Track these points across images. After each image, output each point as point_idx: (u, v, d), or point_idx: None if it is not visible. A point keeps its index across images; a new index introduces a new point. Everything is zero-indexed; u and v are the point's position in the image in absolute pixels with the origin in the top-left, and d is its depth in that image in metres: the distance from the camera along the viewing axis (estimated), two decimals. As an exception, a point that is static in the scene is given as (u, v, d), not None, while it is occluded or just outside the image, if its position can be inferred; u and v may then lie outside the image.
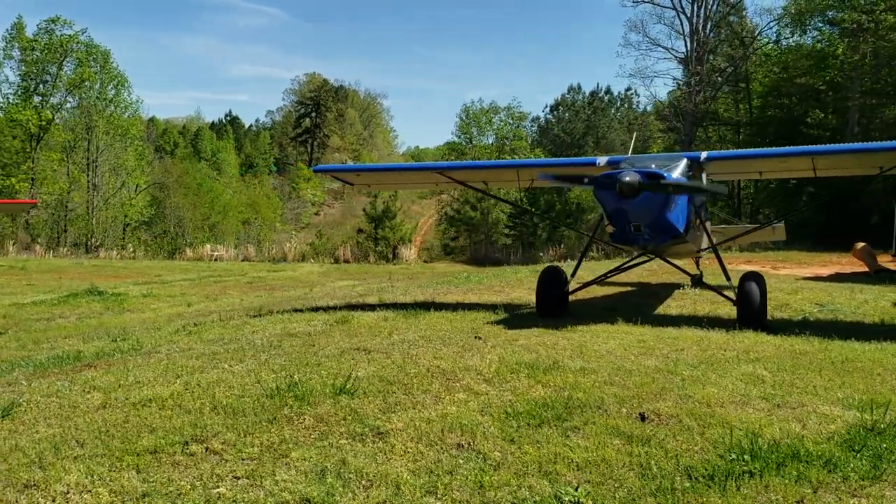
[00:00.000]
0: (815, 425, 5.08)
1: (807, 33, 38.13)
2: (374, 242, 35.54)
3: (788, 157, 10.17)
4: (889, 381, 6.39)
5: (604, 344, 7.79)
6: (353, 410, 5.30)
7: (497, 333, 8.41)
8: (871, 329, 9.46)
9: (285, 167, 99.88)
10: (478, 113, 60.80)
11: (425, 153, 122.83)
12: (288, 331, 9.18)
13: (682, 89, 40.05)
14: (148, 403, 5.49)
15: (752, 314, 9.30)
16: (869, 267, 17.08)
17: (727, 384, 6.10)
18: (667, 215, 9.20)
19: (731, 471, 4.22)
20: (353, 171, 12.79)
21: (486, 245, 41.76)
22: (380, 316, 10.11)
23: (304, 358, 6.93)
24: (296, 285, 23.51)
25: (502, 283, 14.73)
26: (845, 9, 28.83)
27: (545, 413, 5.21)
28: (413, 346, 7.40)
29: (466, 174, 11.85)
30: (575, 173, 9.69)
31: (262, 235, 54.76)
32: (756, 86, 41.79)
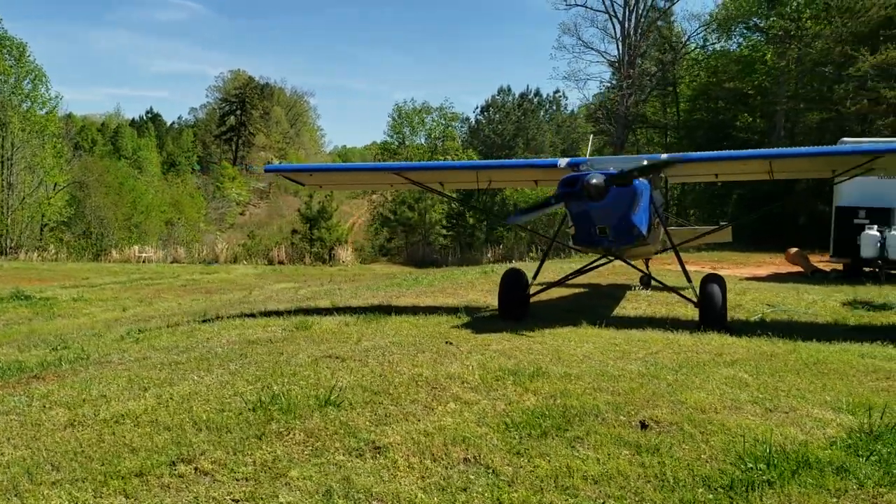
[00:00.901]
0: (814, 430, 5.06)
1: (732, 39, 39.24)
2: (310, 243, 34.91)
3: (747, 160, 10.30)
4: (866, 383, 6.46)
5: (579, 348, 7.70)
6: (343, 424, 5.06)
7: (467, 338, 8.23)
8: (828, 330, 9.63)
9: (209, 166, 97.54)
10: (410, 113, 60.66)
11: (352, 152, 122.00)
12: (246, 337, 8.81)
13: (614, 92, 40.64)
14: (121, 420, 5.13)
15: (715, 316, 9.37)
16: (805, 269, 17.55)
17: (713, 388, 6.06)
18: (632, 217, 9.18)
19: (750, 480, 4.14)
20: (307, 171, 12.42)
21: (424, 246, 41.57)
22: (339, 321, 9.81)
23: (277, 367, 6.62)
24: (233, 288, 22.89)
25: (453, 285, 14.58)
26: (773, 16, 29.67)
27: (544, 423, 5.05)
28: (387, 354, 7.17)
29: (424, 175, 11.65)
30: (541, 201, 9.63)
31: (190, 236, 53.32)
32: (684, 89, 42.75)
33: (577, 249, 10.76)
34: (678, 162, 10.03)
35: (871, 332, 9.48)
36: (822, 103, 28.79)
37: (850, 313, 10.94)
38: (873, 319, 10.43)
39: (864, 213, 15.06)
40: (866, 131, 25.90)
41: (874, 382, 6.47)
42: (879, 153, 9.24)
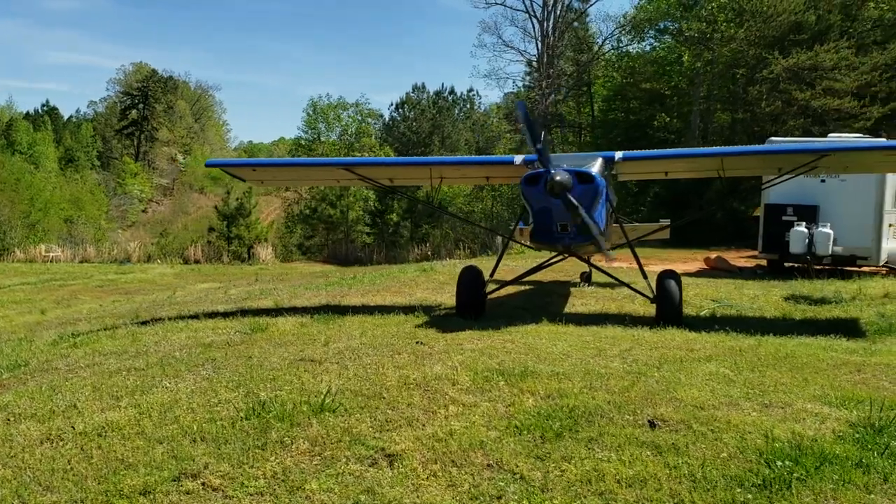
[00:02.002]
0: (816, 425, 5.08)
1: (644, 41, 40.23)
2: (228, 241, 33.88)
3: (699, 157, 10.46)
4: (841, 377, 6.55)
5: (552, 346, 7.60)
6: (346, 430, 4.83)
7: (435, 338, 8.03)
8: (779, 324, 9.87)
9: (110, 161, 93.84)
10: (325, 108, 59.79)
11: (259, 148, 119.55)
12: (199, 341, 8.39)
13: (533, 91, 41.06)
14: (104, 433, 4.76)
15: (673, 311, 9.47)
16: (731, 269, 18.06)
17: (702, 385, 6.04)
18: (592, 214, 9.19)
19: (782, 478, 4.11)
20: (249, 166, 11.95)
21: (346, 244, 41.00)
22: (295, 322, 9.47)
23: (252, 372, 6.29)
24: (153, 288, 22.03)
25: (397, 283, 14.34)
26: (690, 19, 30.53)
27: (554, 425, 4.93)
28: (363, 356, 6.92)
29: (374, 171, 11.37)
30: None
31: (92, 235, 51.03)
32: (599, 89, 43.62)
33: (532, 247, 10.70)
34: (633, 159, 10.11)
35: (819, 326, 9.76)
36: (737, 104, 29.81)
37: (793, 308, 11.25)
38: (817, 314, 10.76)
39: (791, 211, 15.60)
40: (779, 132, 26.93)
41: (848, 376, 6.57)
42: (826, 152, 9.52)
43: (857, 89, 26.32)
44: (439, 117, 67.74)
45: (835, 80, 26.09)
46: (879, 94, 26.89)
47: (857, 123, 26.14)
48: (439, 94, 71.03)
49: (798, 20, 27.24)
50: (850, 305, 11.30)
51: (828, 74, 26.31)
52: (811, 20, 27.31)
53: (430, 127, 66.38)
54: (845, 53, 26.25)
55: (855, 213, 15.34)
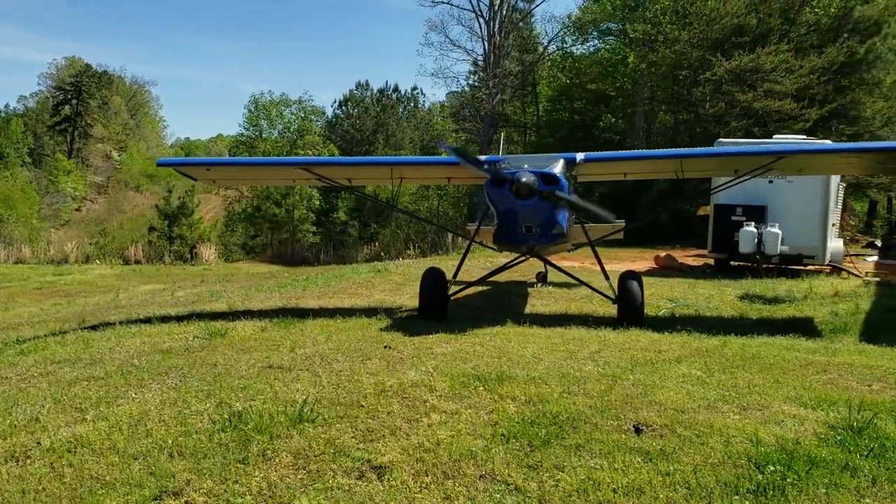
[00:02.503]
0: (796, 428, 5.10)
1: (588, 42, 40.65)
2: (169, 241, 33.05)
3: (659, 159, 10.54)
4: (809, 377, 6.60)
5: (522, 349, 7.55)
6: (328, 442, 4.68)
7: (403, 342, 7.90)
8: (738, 324, 10.03)
9: (42, 158, 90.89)
10: (268, 105, 58.87)
11: (196, 145, 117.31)
12: (157, 347, 8.10)
13: (480, 91, 41.12)
14: (73, 449, 4.52)
15: (635, 312, 9.53)
16: (680, 268, 18.31)
17: (677, 387, 6.05)
18: (557, 216, 9.20)
19: (775, 483, 4.11)
20: (203, 165, 11.61)
21: (292, 243, 40.41)
22: (255, 326, 9.23)
23: (220, 381, 6.08)
24: (95, 290, 21.36)
25: (353, 285, 14.13)
26: (635, 20, 30.93)
27: (540, 432, 4.86)
28: (332, 362, 6.76)
29: (333, 170, 11.16)
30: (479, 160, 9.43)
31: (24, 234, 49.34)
32: (544, 90, 43.91)
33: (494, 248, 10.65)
34: (594, 161, 10.13)
35: (776, 325, 9.95)
36: (681, 105, 30.31)
37: (748, 307, 11.43)
38: (773, 313, 10.95)
39: (741, 211, 15.89)
40: (722, 132, 27.48)
41: (816, 376, 6.66)
42: (783, 154, 9.68)
43: (797, 91, 27.00)
44: (383, 115, 67.53)
45: (775, 82, 26.72)
46: (817, 97, 27.63)
47: (796, 125, 26.81)
48: (383, 93, 70.83)
49: (740, 23, 27.82)
50: (803, 304, 11.54)
51: (768, 77, 26.92)
52: (752, 23, 27.91)
53: (374, 125, 66.10)
54: (785, 56, 26.90)
55: (802, 214, 15.70)
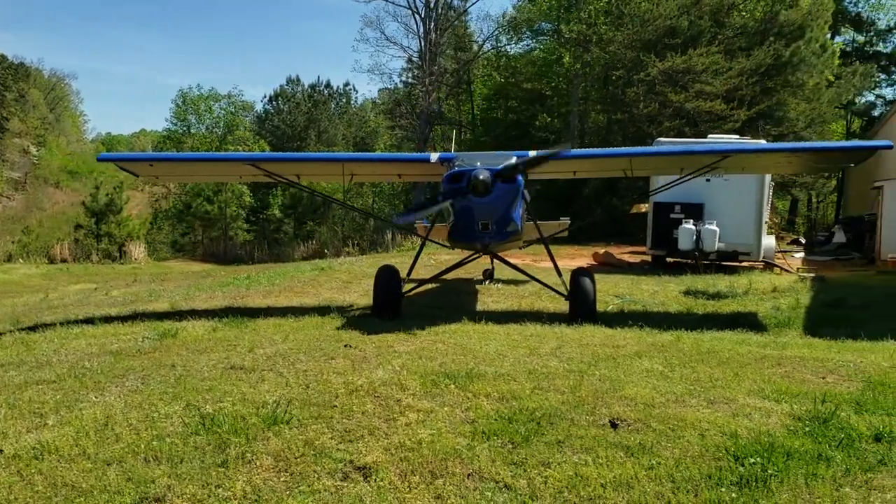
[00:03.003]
0: (764, 420, 5.21)
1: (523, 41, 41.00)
2: (97, 240, 31.99)
3: (610, 157, 10.68)
4: (765, 371, 6.73)
5: (484, 346, 7.55)
6: (307, 443, 4.60)
7: (362, 340, 7.81)
8: (685, 319, 10.20)
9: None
10: (196, 99, 57.62)
11: (118, 140, 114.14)
12: (105, 348, 7.82)
13: (416, 88, 41.06)
14: (40, 456, 4.33)
15: (587, 308, 9.65)
16: (618, 265, 18.61)
17: (643, 382, 6.12)
18: (512, 213, 9.25)
19: (757, 476, 4.19)
20: (146, 161, 11.25)
21: (225, 241, 39.59)
22: (206, 326, 9.00)
23: (183, 383, 5.90)
24: (21, 290, 20.55)
25: (298, 283, 13.92)
26: (570, 20, 31.30)
27: (519, 428, 4.86)
28: (296, 362, 6.63)
29: (282, 166, 10.96)
30: (428, 199, 9.47)
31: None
32: (478, 88, 44.14)
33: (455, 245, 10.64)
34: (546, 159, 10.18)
35: (723, 320, 10.19)
36: (616, 105, 30.83)
37: (693, 302, 11.69)
38: (717, 308, 11.22)
39: (679, 209, 16.24)
40: (655, 132, 28.08)
41: (772, 369, 6.82)
42: (729, 153, 9.93)
43: (726, 93, 27.75)
44: (315, 111, 66.91)
45: (706, 83, 27.41)
46: (745, 98, 28.45)
47: (725, 125, 27.56)
48: (314, 88, 70.17)
49: (672, 25, 28.44)
50: (745, 300, 11.86)
51: (699, 78, 27.60)
52: (684, 25, 28.57)
53: (306, 121, 65.45)
54: (716, 58, 27.62)
55: (738, 212, 16.14)
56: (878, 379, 6.31)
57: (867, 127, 47.88)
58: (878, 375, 6.45)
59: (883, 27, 49.25)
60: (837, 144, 12.38)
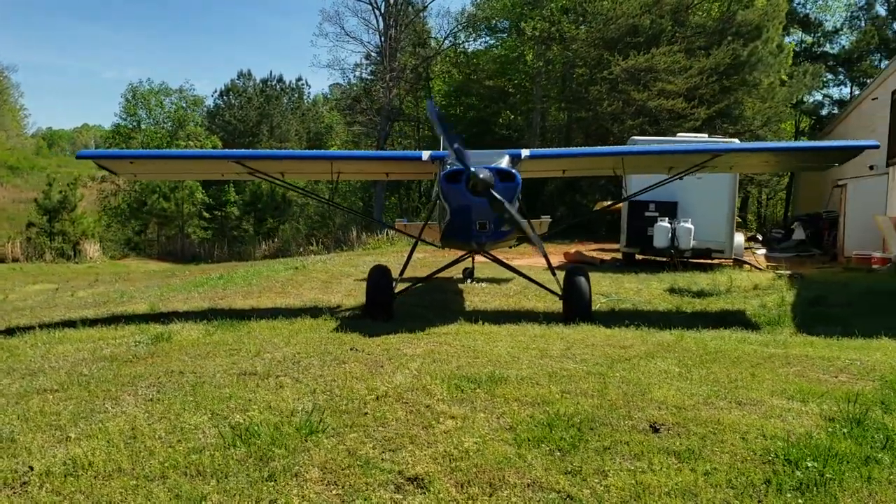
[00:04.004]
0: (798, 421, 5.19)
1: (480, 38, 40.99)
2: (50, 238, 30.97)
3: (601, 156, 10.66)
4: (778, 371, 6.75)
5: (492, 348, 7.45)
6: (350, 453, 4.45)
7: (366, 343, 7.66)
8: (677, 318, 10.24)
9: None
10: (146, 93, 56.38)
11: (60, 135, 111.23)
12: (97, 354, 7.53)
13: (375, 84, 40.70)
14: (74, 473, 4.11)
15: (583, 308, 9.60)
16: (592, 261, 18.69)
17: (665, 384, 6.07)
18: None
19: (815, 480, 4.16)
20: (126, 158, 10.84)
21: (182, 239, 38.72)
22: (199, 329, 8.72)
23: (199, 390, 5.69)
24: (-26, 291, 19.73)
25: (275, 283, 13.64)
26: (533, 18, 31.33)
27: (563, 435, 4.77)
28: (308, 367, 6.46)
29: (268, 164, 10.69)
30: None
31: None
32: (438, 85, 43.95)
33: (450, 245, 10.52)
34: (538, 157, 10.15)
35: (713, 318, 10.23)
36: (579, 103, 30.98)
37: (680, 300, 11.75)
38: (705, 306, 11.28)
39: (653, 207, 16.34)
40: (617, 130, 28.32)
41: (783, 369, 6.84)
42: (720, 152, 9.99)
43: (687, 91, 28.07)
44: (267, 106, 66.08)
45: (667, 82, 27.70)
46: (705, 97, 28.84)
47: (686, 123, 27.90)
48: (266, 83, 69.29)
49: (634, 24, 28.67)
50: (730, 297, 11.96)
51: (661, 77, 27.88)
52: (646, 24, 28.82)
53: (258, 116, 64.62)
54: (677, 57, 27.93)
55: (711, 210, 16.31)
56: (894, 378, 6.35)
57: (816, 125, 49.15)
58: (891, 375, 6.49)
59: (830, 28, 50.68)
60: (827, 144, 12.57)
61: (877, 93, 21.09)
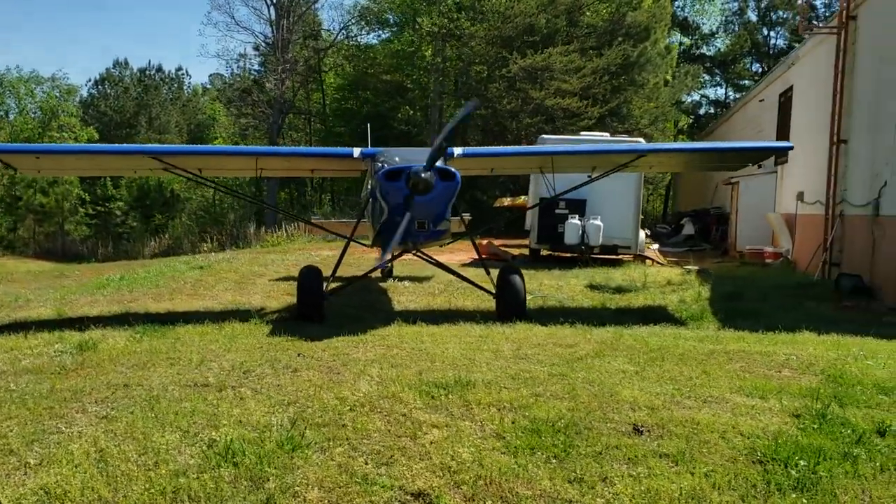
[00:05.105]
0: (766, 419, 5.29)
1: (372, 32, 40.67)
2: (-88, 235, 28.48)
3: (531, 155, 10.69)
4: (725, 367, 6.83)
5: (444, 350, 7.32)
6: (342, 469, 4.28)
7: (311, 348, 7.39)
8: (605, 314, 10.42)
9: None
10: (14, 82, 52.83)
11: None
12: (17, 365, 6.96)
13: (267, 76, 39.63)
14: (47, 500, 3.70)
15: (519, 306, 9.61)
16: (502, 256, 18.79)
17: (627, 384, 6.10)
18: (448, 211, 9.10)
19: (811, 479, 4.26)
20: (32, 153, 10.02)
21: (62, 236, 36.47)
22: (123, 336, 8.16)
23: (156, 405, 5.33)
24: None
25: (185, 284, 12.98)
26: (431, 14, 31.23)
27: (553, 441, 4.74)
28: (263, 377, 6.18)
29: (186, 160, 10.13)
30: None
31: None
32: (329, 78, 43.32)
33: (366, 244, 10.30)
34: (470, 156, 10.11)
35: (638, 314, 10.43)
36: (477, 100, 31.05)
37: (601, 296, 11.93)
38: (628, 302, 11.49)
39: (563, 205, 16.56)
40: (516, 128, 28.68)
41: (728, 365, 6.98)
42: (644, 152, 10.22)
43: (581, 90, 28.70)
44: (146, 97, 63.47)
45: (563, 81, 28.23)
46: (598, 96, 29.57)
47: (580, 122, 28.53)
48: (144, 72, 66.48)
49: (531, 22, 29.06)
50: (648, 293, 12.25)
51: (557, 76, 28.39)
52: (542, 23, 29.27)
53: (136, 107, 61.98)
54: (572, 57, 28.50)
55: (617, 208, 16.68)
56: (835, 372, 6.59)
57: (694, 124, 51.43)
58: (830, 368, 6.75)
59: (707, 31, 53.17)
60: (746, 145, 13.10)
61: (763, 94, 22.14)
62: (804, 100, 17.32)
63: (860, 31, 13.61)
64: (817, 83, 15.66)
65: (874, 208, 12.18)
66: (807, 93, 17.02)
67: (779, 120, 19.85)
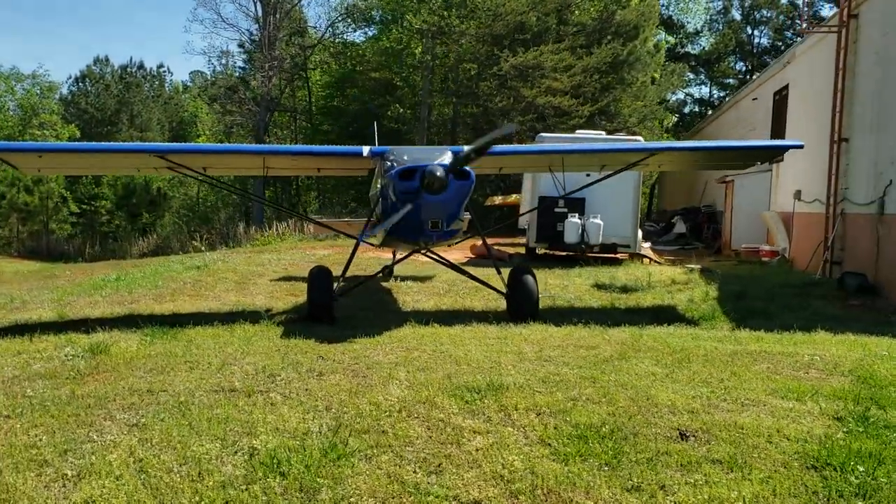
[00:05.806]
0: (808, 422, 5.23)
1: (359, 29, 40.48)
2: None
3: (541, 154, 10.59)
4: (753, 369, 6.78)
5: (466, 352, 7.19)
6: (392, 478, 4.16)
7: (329, 350, 7.25)
8: (616, 314, 10.32)
9: None
10: (-5, 78, 51.96)
11: None
12: (28, 370, 6.77)
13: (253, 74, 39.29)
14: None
15: (532, 306, 9.51)
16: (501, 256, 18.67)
17: (660, 386, 6.02)
18: (460, 210, 8.98)
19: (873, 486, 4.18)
20: (35, 152, 9.77)
21: (47, 236, 35.91)
22: (134, 339, 7.95)
23: (186, 412, 5.19)
24: None
25: (185, 285, 12.76)
26: (421, 11, 31.05)
27: (602, 448, 4.63)
28: (291, 381, 6.04)
29: (191, 158, 9.93)
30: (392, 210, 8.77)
31: None
32: (316, 76, 43.01)
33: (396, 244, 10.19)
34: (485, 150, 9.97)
35: (649, 314, 10.35)
36: (469, 98, 31.01)
37: (609, 296, 11.84)
38: (637, 302, 11.40)
39: (563, 203, 16.46)
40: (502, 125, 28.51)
41: (755, 367, 6.90)
42: (655, 151, 10.14)
43: (572, 89, 28.68)
44: (127, 94, 62.80)
45: (554, 79, 28.19)
46: (588, 94, 29.57)
47: (571, 120, 28.51)
48: (126, 69, 65.77)
49: (522, 20, 28.99)
50: (655, 292, 12.17)
51: (548, 74, 28.34)
52: (532, 21, 29.22)
53: (117, 104, 61.30)
54: (563, 55, 28.46)
55: (617, 206, 16.62)
56: (864, 374, 6.54)
57: (679, 123, 51.69)
58: (858, 370, 6.69)
59: (691, 30, 53.43)
60: (756, 144, 13.07)
61: (756, 93, 22.19)
62: (801, 98, 17.34)
63: (862, 30, 13.61)
64: (816, 82, 15.67)
65: (879, 207, 12.18)
66: (804, 91, 17.03)
67: (773, 118, 19.88)
